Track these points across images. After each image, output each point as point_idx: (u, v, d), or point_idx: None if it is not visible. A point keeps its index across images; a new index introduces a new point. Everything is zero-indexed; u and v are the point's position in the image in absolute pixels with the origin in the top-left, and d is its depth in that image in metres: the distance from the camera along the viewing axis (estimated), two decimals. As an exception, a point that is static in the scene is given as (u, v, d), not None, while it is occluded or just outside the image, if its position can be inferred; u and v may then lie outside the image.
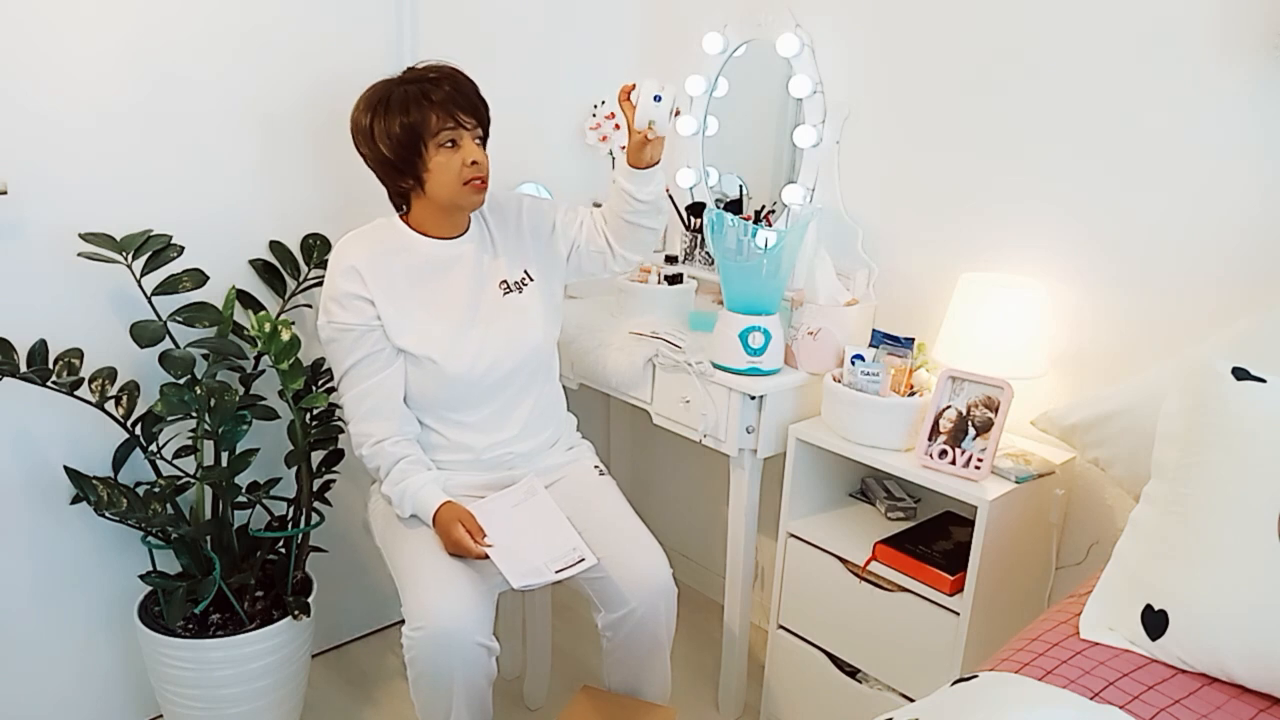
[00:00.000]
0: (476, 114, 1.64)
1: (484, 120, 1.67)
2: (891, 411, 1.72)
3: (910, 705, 1.14)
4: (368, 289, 1.64)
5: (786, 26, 2.05)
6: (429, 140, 1.60)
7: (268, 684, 1.81)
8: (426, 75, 1.63)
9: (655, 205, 1.76)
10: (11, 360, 1.60)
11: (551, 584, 1.62)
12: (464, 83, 1.65)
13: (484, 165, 1.64)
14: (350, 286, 1.63)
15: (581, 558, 1.59)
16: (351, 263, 1.64)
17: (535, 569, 1.57)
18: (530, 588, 1.57)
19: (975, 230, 1.88)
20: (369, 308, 1.64)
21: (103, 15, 1.65)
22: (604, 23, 2.43)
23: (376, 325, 1.65)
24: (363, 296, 1.63)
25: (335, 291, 1.64)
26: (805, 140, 2.07)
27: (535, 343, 1.75)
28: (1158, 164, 1.62)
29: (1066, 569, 1.80)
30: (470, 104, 1.63)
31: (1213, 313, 1.58)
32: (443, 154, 1.61)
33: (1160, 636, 1.18)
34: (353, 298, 1.63)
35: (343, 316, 1.64)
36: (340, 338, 1.65)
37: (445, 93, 1.60)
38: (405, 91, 1.61)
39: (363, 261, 1.64)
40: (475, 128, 1.64)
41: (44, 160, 1.64)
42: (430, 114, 1.59)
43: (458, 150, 1.61)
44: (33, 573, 1.78)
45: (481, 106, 1.66)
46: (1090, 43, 1.67)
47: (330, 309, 1.65)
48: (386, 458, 1.66)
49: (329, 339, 1.67)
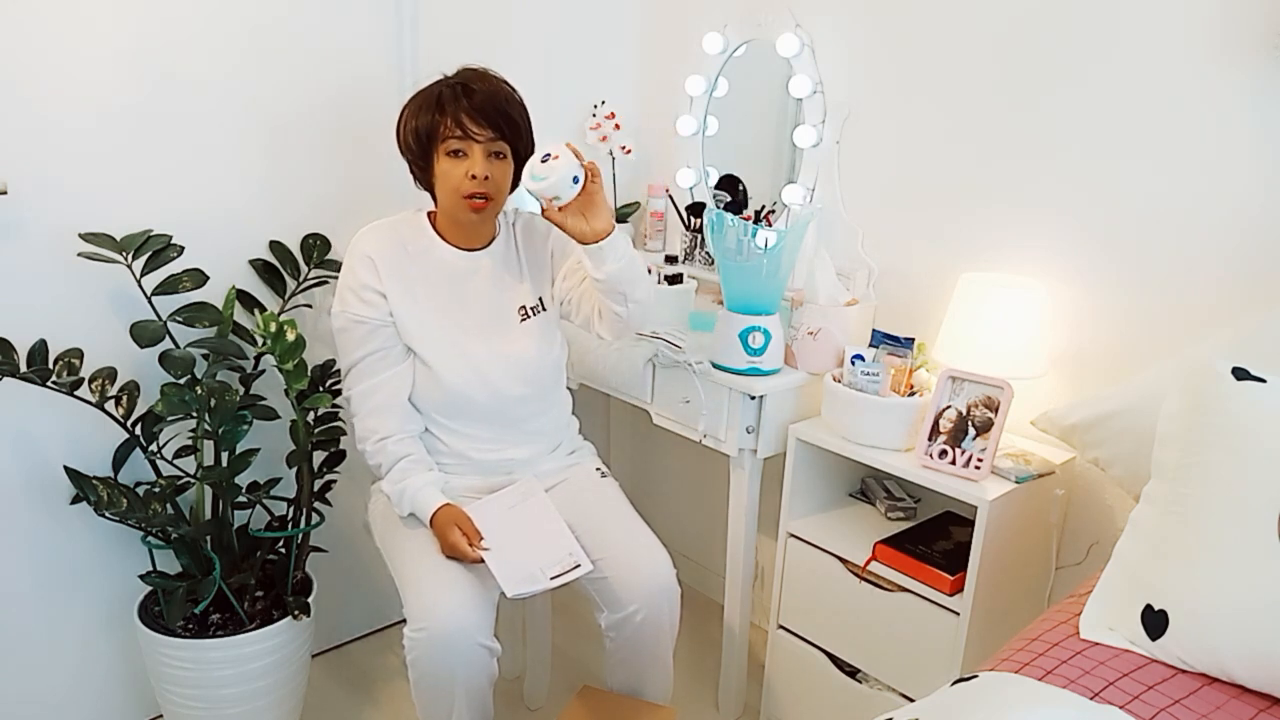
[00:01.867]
0: (499, 127, 1.59)
1: (510, 135, 1.61)
2: (891, 411, 1.72)
3: (910, 705, 1.14)
4: (382, 281, 1.63)
5: (786, 26, 2.05)
6: (438, 145, 1.59)
7: (268, 684, 1.81)
8: (462, 80, 1.62)
9: (614, 286, 1.54)
10: (11, 360, 1.60)
11: (547, 591, 1.61)
12: (497, 94, 1.61)
13: (492, 181, 1.59)
14: (366, 277, 1.63)
15: (577, 564, 1.58)
16: (368, 252, 1.64)
17: (530, 575, 1.56)
18: (524, 596, 1.56)
19: (975, 230, 1.88)
20: (383, 302, 1.64)
21: (103, 15, 1.65)
22: (604, 23, 2.43)
23: (389, 321, 1.65)
24: (376, 289, 1.63)
25: (352, 281, 1.64)
26: (805, 140, 2.07)
27: (545, 370, 1.74)
28: (1158, 164, 1.62)
29: (1066, 569, 1.80)
30: (494, 117, 1.58)
31: (1213, 313, 1.58)
32: (447, 162, 1.59)
33: (1160, 636, 1.18)
34: (367, 289, 1.63)
35: (357, 308, 1.64)
36: (352, 329, 1.65)
37: (466, 101, 1.58)
38: (439, 92, 1.60)
39: (379, 253, 1.64)
40: (493, 140, 1.59)
41: (44, 160, 1.64)
42: (442, 119, 1.58)
43: (463, 161, 1.59)
44: (33, 573, 1.78)
45: (512, 121, 1.61)
46: (1090, 43, 1.67)
47: (346, 298, 1.65)
48: (388, 456, 1.66)
49: (341, 328, 1.66)
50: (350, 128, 2.00)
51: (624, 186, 2.43)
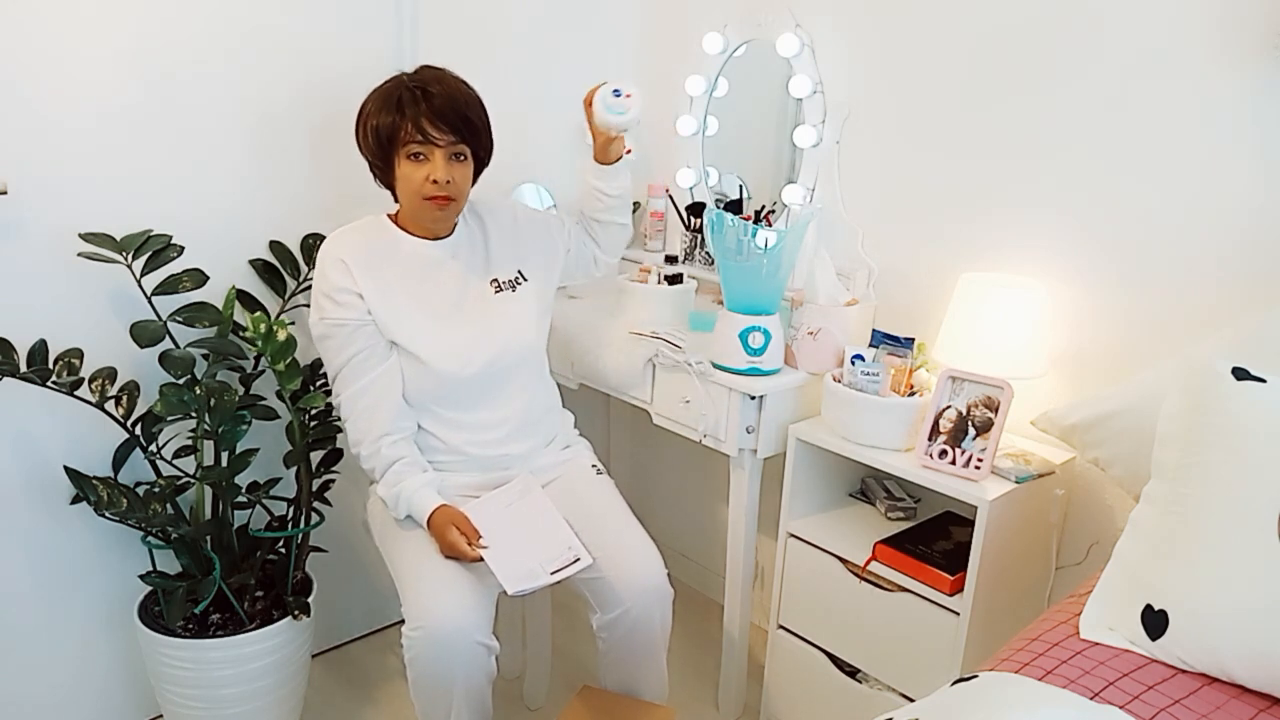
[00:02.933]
0: (459, 131, 1.60)
1: (470, 137, 1.62)
2: (891, 411, 1.72)
3: (910, 705, 1.14)
4: (356, 282, 1.63)
5: (786, 26, 2.05)
6: (399, 148, 1.60)
7: (268, 684, 1.81)
8: (421, 81, 1.61)
9: (623, 200, 1.87)
10: (11, 360, 1.60)
11: (548, 586, 1.62)
12: (456, 97, 1.61)
13: (453, 184, 1.61)
14: (340, 280, 1.63)
15: (577, 557, 1.58)
16: (339, 255, 1.64)
17: (530, 572, 1.56)
18: (525, 593, 1.56)
19: (975, 230, 1.88)
20: (359, 302, 1.63)
21: (103, 15, 1.65)
22: (604, 23, 2.43)
23: (368, 320, 1.64)
24: (352, 290, 1.63)
25: (326, 285, 1.64)
26: (805, 140, 2.07)
27: (528, 340, 1.75)
28: (1158, 164, 1.62)
29: (1066, 569, 1.80)
30: (454, 120, 1.59)
31: (1213, 313, 1.58)
32: (408, 165, 1.60)
33: (1160, 636, 1.18)
34: (343, 291, 1.62)
35: (335, 312, 1.63)
36: (333, 334, 1.65)
37: (425, 105, 1.57)
38: (398, 94, 1.60)
39: (350, 254, 1.64)
40: (454, 144, 1.60)
41: (44, 160, 1.64)
42: (403, 123, 1.58)
43: (424, 164, 1.60)
44: (33, 573, 1.78)
45: (471, 124, 1.61)
46: (1090, 43, 1.67)
47: (322, 304, 1.65)
48: (382, 459, 1.66)
49: (321, 335, 1.66)
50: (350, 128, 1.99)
51: (624, 186, 2.43)
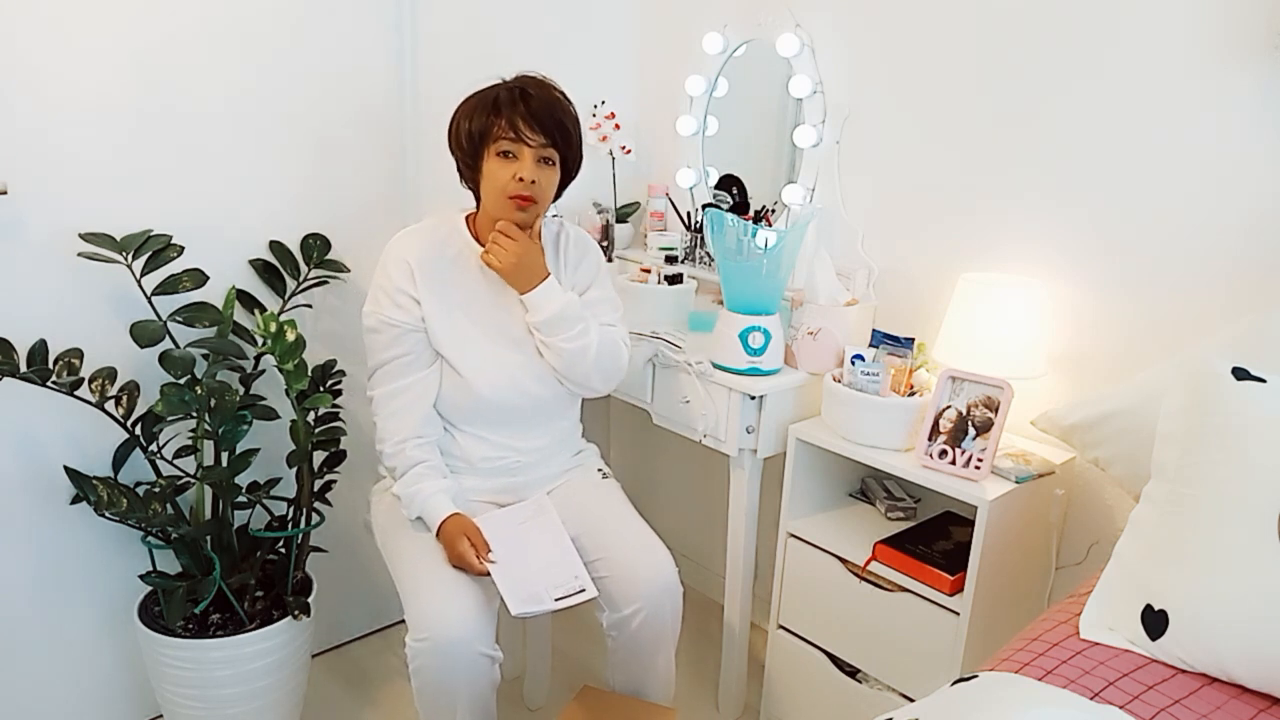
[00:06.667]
0: (551, 135, 1.61)
1: (561, 143, 1.63)
2: (891, 411, 1.72)
3: (910, 705, 1.14)
4: (416, 288, 1.64)
5: (786, 26, 2.05)
6: (489, 145, 1.61)
7: (268, 684, 1.81)
8: (520, 84, 1.63)
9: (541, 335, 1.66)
10: (11, 360, 1.60)
11: (550, 612, 1.61)
12: (553, 103, 1.63)
13: (538, 185, 1.61)
14: (401, 280, 1.64)
15: (583, 588, 1.58)
16: (405, 256, 1.65)
17: (535, 595, 1.56)
18: (528, 615, 1.56)
19: (975, 230, 1.88)
20: (415, 307, 1.64)
21: (103, 15, 1.65)
22: (604, 23, 2.43)
23: (420, 328, 1.65)
24: (410, 294, 1.64)
25: (386, 282, 1.65)
26: (805, 140, 2.07)
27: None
28: (1158, 164, 1.62)
29: (1066, 569, 1.80)
30: (547, 124, 1.60)
31: (1213, 313, 1.58)
32: (495, 162, 1.61)
33: (1160, 636, 1.18)
34: (401, 293, 1.64)
35: (390, 311, 1.64)
36: (382, 330, 1.65)
37: (523, 106, 1.59)
38: (496, 93, 1.62)
39: (416, 258, 1.65)
40: (544, 146, 1.60)
41: (44, 160, 1.64)
42: (496, 121, 1.60)
43: (512, 163, 1.60)
44: (33, 573, 1.78)
45: (565, 130, 1.63)
46: (1090, 43, 1.67)
47: (379, 299, 1.66)
48: (405, 459, 1.66)
49: (371, 328, 1.67)
50: (351, 128, 2.00)
51: (624, 186, 2.43)
